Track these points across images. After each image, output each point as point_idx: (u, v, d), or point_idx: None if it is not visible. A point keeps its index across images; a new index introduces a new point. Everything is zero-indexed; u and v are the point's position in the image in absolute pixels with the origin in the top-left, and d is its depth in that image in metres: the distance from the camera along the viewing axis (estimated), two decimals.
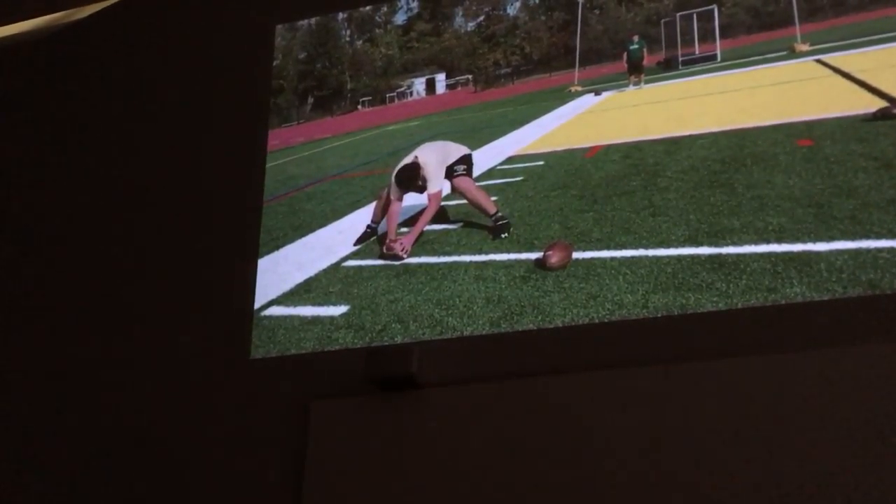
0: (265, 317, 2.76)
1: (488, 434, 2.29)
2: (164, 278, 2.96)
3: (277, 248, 2.95)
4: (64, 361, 2.94)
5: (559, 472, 2.18)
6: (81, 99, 3.49)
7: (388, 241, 2.89)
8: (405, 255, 2.84)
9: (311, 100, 3.41)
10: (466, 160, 3.01)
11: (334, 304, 2.73)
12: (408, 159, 2.98)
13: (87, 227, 3.19)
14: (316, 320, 2.69)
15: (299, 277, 2.86)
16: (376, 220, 3.02)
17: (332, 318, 2.68)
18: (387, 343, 2.55)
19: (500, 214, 2.85)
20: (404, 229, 2.94)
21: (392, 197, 2.99)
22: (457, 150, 3.03)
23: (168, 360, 2.80)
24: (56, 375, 2.92)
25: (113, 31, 3.56)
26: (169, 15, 3.50)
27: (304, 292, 2.81)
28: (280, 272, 2.87)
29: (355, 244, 2.96)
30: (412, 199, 3.02)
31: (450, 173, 2.99)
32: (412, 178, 2.97)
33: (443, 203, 3.01)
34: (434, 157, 2.99)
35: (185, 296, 2.89)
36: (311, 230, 3.08)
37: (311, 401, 2.49)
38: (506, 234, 2.80)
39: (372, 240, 2.97)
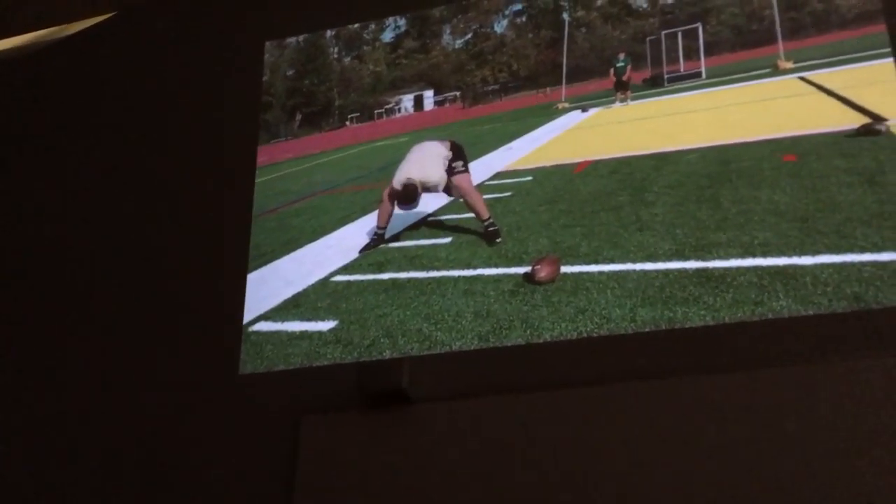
0: (254, 332, 2.75)
1: (478, 449, 2.28)
2: (152, 293, 2.95)
3: (266, 263, 2.95)
4: (50, 374, 2.92)
5: (548, 488, 2.18)
6: (70, 115, 3.48)
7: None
8: None
9: (299, 116, 3.42)
10: (460, 154, 3.04)
11: (323, 319, 2.72)
12: (402, 178, 3.00)
13: (76, 241, 3.18)
14: (304, 335, 2.68)
15: (288, 292, 2.86)
16: (382, 224, 3.03)
17: (320, 333, 2.67)
18: (375, 358, 2.54)
19: (491, 220, 2.88)
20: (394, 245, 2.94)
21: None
22: (443, 146, 3.05)
23: (156, 376, 2.79)
24: (42, 388, 2.90)
25: (102, 47, 3.57)
26: (157, 31, 3.51)
27: (292, 307, 2.80)
28: (269, 287, 2.86)
29: (361, 251, 2.96)
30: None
31: (450, 171, 3.02)
32: (414, 197, 3.01)
33: (433, 217, 3.03)
34: (429, 165, 3.02)
35: (174, 311, 2.88)
36: (300, 245, 3.08)
37: (301, 416, 2.48)
38: (500, 239, 2.82)
39: (358, 256, 2.97)
